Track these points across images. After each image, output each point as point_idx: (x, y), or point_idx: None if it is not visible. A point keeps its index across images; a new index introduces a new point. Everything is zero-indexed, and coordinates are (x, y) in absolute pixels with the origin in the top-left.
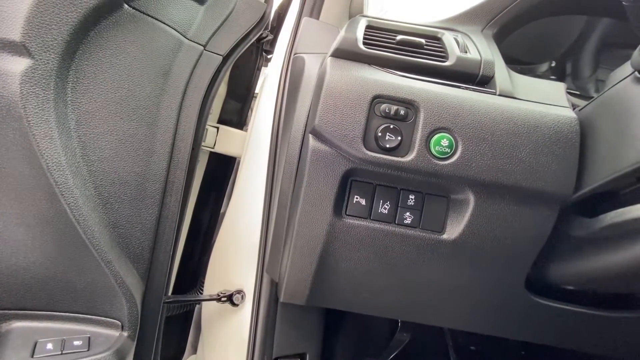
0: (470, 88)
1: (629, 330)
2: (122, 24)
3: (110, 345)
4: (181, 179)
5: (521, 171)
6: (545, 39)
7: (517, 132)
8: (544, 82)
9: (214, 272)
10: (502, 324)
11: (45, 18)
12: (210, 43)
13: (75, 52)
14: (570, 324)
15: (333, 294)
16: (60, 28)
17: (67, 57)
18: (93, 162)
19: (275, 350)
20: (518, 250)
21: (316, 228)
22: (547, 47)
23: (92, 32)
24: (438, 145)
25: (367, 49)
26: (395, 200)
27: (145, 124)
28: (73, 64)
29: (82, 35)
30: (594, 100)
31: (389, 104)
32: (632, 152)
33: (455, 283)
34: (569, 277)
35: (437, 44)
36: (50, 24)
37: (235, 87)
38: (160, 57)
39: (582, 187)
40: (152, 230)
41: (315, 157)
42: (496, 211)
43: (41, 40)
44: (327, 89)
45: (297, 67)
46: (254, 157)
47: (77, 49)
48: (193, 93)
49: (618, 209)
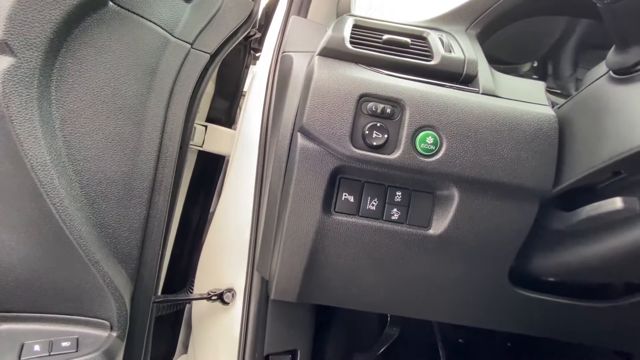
0: (454, 87)
1: (607, 319)
2: (107, 21)
3: (99, 345)
4: (169, 177)
5: (503, 167)
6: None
7: (498, 129)
8: (525, 81)
9: (204, 271)
10: (487, 315)
11: (28, 15)
12: (198, 41)
13: (59, 50)
14: (552, 314)
15: (323, 291)
16: (44, 26)
17: (51, 55)
18: (79, 162)
19: (267, 348)
20: (501, 243)
21: (306, 225)
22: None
23: (76, 30)
24: (423, 142)
25: (354, 48)
26: (382, 196)
27: (132, 123)
28: (57, 62)
29: (66, 33)
30: (572, 99)
31: (375, 103)
32: (606, 148)
33: (441, 277)
34: (550, 269)
35: (423, 43)
36: (33, 22)
37: (224, 85)
38: (146, 56)
39: (560, 182)
40: (141, 229)
41: (304, 155)
42: (479, 206)
43: (24, 38)
44: (314, 87)
45: (285, 65)
46: (243, 156)
47: (60, 47)
48: (180, 91)
49: (595, 202)
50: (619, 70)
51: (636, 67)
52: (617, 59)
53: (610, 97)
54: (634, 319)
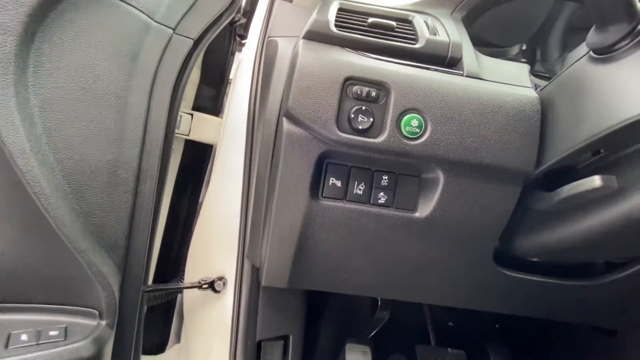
0: (439, 70)
1: (590, 297)
2: (85, 5)
3: (88, 334)
4: (155, 166)
5: (486, 149)
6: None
7: (482, 111)
8: (509, 64)
9: (195, 260)
10: (474, 296)
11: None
12: (180, 26)
13: (34, 35)
14: (536, 293)
15: (313, 276)
16: (17, 9)
17: (26, 39)
18: (60, 150)
19: (259, 334)
20: (485, 225)
21: (293, 211)
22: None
23: (52, 14)
24: (408, 125)
25: (339, 32)
26: (369, 181)
27: (114, 110)
28: (33, 47)
29: (42, 16)
30: (554, 80)
31: (360, 86)
32: (586, 128)
33: (428, 259)
34: (534, 249)
35: (408, 26)
36: (6, 5)
37: (209, 72)
38: (127, 41)
39: (542, 162)
40: (127, 218)
41: (290, 140)
42: (464, 188)
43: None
44: (299, 71)
45: (270, 51)
46: (231, 144)
47: (36, 31)
48: (164, 78)
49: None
50: (599, 50)
51: (615, 47)
52: (597, 39)
53: (590, 77)
54: (616, 296)
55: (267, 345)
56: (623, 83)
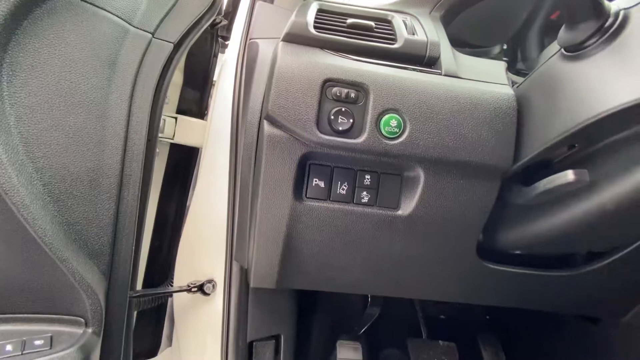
0: (417, 69)
1: (571, 287)
2: (59, 12)
3: (74, 342)
4: (138, 171)
5: (465, 147)
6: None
7: (460, 110)
8: (486, 62)
9: (183, 264)
10: (459, 290)
11: None
12: (159, 30)
13: (7, 44)
14: (519, 285)
15: (300, 275)
16: None
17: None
18: (38, 159)
19: (250, 335)
20: (466, 220)
21: (278, 212)
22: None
23: (25, 22)
24: (387, 125)
25: (317, 33)
26: (352, 180)
27: (94, 117)
28: (7, 56)
29: (14, 25)
30: (528, 77)
31: (340, 87)
32: (559, 123)
33: (413, 255)
34: (515, 242)
35: (387, 26)
36: None
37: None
38: (104, 47)
39: (520, 158)
40: (111, 225)
41: (271, 143)
42: (444, 185)
43: None
44: (278, 74)
45: (252, 53)
46: (215, 146)
47: (9, 40)
48: (144, 83)
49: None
50: (569, 48)
51: (584, 44)
52: (567, 37)
53: (562, 74)
54: (596, 285)
55: (259, 345)
56: (593, 79)
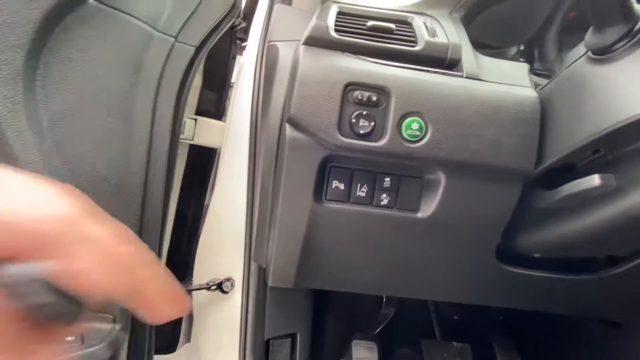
0: (439, 72)
1: (592, 291)
2: (88, 19)
3: (103, 337)
4: (162, 173)
5: (487, 150)
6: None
7: (482, 112)
8: (508, 63)
9: (202, 263)
10: (477, 292)
11: (8, 17)
12: (182, 34)
13: (41, 51)
14: (538, 288)
15: (318, 276)
16: (25, 26)
17: (34, 55)
18: (69, 161)
19: (267, 332)
20: (487, 223)
21: (298, 214)
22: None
23: (57, 29)
24: (409, 128)
25: (338, 36)
26: (372, 183)
27: (121, 120)
28: (40, 62)
29: (47, 32)
30: (553, 80)
31: (361, 91)
32: (585, 128)
33: (431, 257)
34: (535, 245)
35: (407, 28)
36: (13, 23)
37: (211, 77)
38: (130, 51)
39: (542, 161)
40: (137, 224)
41: (293, 146)
42: (465, 188)
43: (5, 40)
44: (300, 78)
45: (271, 55)
46: (234, 147)
47: (43, 47)
48: (167, 86)
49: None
50: (597, 51)
51: (613, 47)
52: (595, 40)
53: (589, 77)
54: (618, 289)
55: (276, 343)
56: (621, 83)
